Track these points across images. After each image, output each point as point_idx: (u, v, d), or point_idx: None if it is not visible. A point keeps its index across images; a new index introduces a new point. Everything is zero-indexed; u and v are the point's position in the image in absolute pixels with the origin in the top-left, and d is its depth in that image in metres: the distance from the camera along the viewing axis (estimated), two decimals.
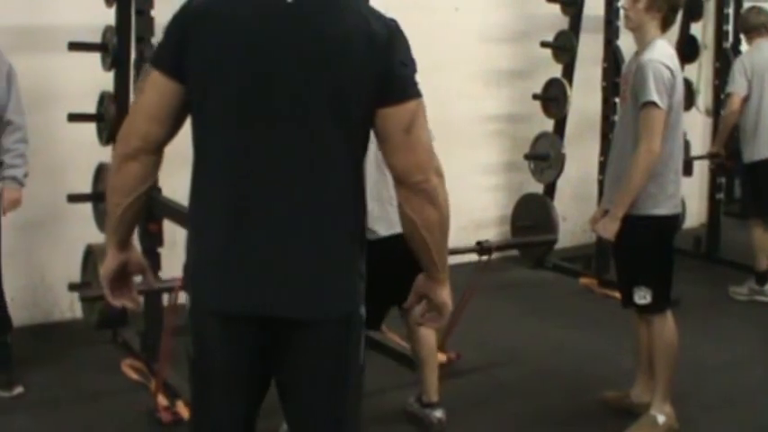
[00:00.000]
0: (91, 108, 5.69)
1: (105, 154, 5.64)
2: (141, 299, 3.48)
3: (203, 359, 2.66)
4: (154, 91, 2.56)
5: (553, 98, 7.83)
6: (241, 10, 2.50)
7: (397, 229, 2.81)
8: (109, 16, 5.55)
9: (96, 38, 5.63)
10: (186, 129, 2.64)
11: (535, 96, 7.90)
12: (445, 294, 2.78)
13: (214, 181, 2.56)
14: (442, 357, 5.35)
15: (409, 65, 2.57)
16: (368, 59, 2.49)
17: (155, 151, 2.61)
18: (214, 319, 2.59)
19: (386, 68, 2.51)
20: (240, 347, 2.61)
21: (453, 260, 3.09)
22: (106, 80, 5.66)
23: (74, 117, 5.63)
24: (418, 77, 2.60)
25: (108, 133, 5.62)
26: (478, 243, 5.57)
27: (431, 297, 2.80)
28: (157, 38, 4.96)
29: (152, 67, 2.59)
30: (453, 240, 2.85)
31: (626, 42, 6.09)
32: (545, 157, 7.89)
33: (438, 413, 4.74)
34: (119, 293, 2.82)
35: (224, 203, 2.54)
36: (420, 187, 2.57)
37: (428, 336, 4.72)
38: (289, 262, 2.54)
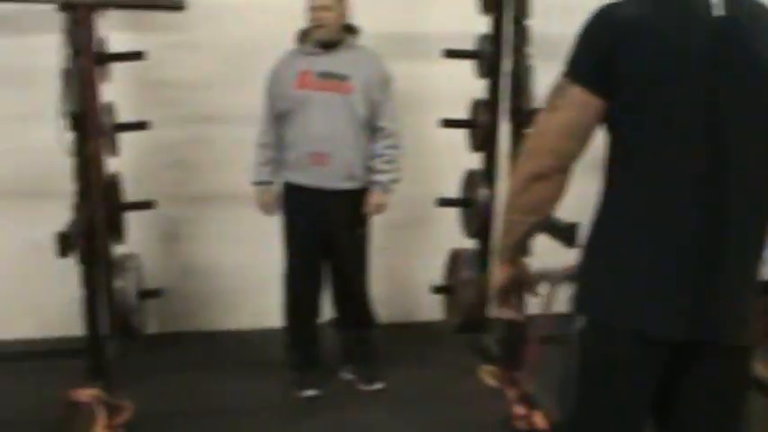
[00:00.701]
0: (457, 114, 5.77)
1: (472, 160, 5.72)
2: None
3: (609, 380, 2.59)
4: (574, 107, 2.47)
5: None
6: (670, 23, 2.41)
7: None
8: (480, 25, 5.62)
9: (465, 45, 5.71)
10: None
11: None
12: None
13: (660, 205, 2.46)
14: None
15: None
16: None
17: (567, 170, 2.54)
18: (637, 342, 2.51)
19: None
20: (655, 371, 2.56)
21: None
22: (474, 87, 5.72)
23: (448, 123, 5.72)
24: None
25: (479, 140, 5.70)
26: None
27: None
28: (535, 48, 5.14)
29: (572, 83, 2.48)
30: None
31: None
32: None
33: None
34: (508, 304, 2.83)
35: (676, 231, 2.45)
36: None
37: None
38: (730, 289, 2.48)
